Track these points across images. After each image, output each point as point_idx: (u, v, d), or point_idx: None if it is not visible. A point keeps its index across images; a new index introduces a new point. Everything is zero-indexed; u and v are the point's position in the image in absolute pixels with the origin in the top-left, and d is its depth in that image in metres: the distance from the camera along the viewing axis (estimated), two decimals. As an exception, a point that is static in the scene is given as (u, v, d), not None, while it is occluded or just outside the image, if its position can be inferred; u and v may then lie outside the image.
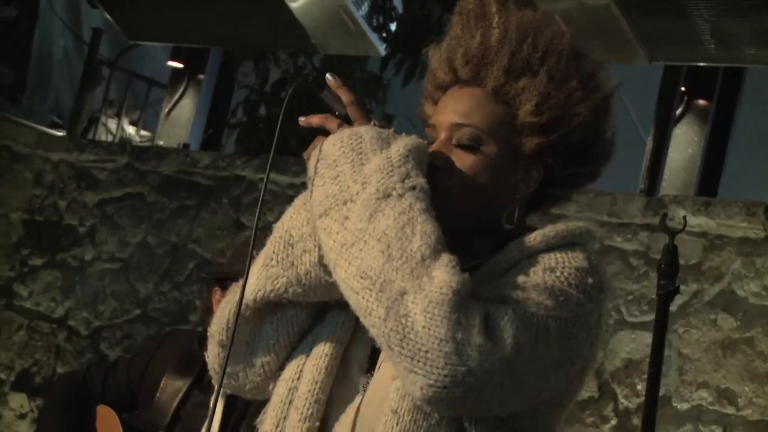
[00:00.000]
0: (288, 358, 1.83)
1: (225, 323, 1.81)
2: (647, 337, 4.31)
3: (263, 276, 1.78)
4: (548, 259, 1.72)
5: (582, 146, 1.82)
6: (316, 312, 1.83)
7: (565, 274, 1.70)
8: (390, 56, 6.60)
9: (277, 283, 1.77)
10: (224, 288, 3.19)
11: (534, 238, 1.74)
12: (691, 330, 4.29)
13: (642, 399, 4.31)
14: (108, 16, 6.15)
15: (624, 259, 4.47)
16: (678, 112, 5.13)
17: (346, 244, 1.66)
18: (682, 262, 4.34)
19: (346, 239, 1.66)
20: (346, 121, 1.78)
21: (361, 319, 1.66)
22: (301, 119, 1.80)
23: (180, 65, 6.63)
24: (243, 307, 1.79)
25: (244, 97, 7.35)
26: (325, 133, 1.79)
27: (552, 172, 1.83)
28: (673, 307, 4.37)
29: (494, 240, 1.80)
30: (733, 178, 5.31)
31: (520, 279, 1.68)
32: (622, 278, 4.43)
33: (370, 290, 1.62)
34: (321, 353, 1.78)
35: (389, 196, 1.66)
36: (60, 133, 6.66)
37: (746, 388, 4.12)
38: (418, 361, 1.59)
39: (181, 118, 6.64)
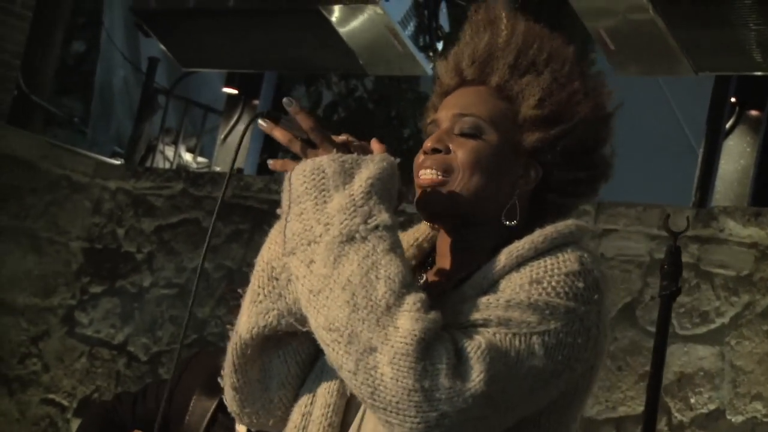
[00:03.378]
0: (302, 386, 1.85)
1: (231, 365, 1.83)
2: (700, 350, 4.28)
3: (254, 312, 1.79)
4: (536, 269, 1.71)
5: (581, 149, 1.83)
6: None
7: (553, 283, 1.70)
8: (441, 76, 6.61)
9: (269, 317, 1.78)
10: None
11: (522, 245, 1.74)
12: (743, 342, 4.23)
13: (696, 412, 4.27)
14: (161, 45, 6.25)
15: (674, 271, 4.43)
16: (729, 123, 5.07)
17: (313, 291, 1.66)
18: (733, 273, 4.32)
19: (313, 285, 1.67)
20: (311, 144, 1.76)
21: (337, 371, 1.68)
22: (270, 162, 1.81)
23: (235, 91, 6.71)
24: (243, 345, 1.81)
25: (297, 121, 7.41)
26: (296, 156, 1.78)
27: (551, 173, 1.84)
28: (725, 319, 4.33)
29: (495, 239, 1.80)
30: (787, 188, 5.23)
31: (504, 297, 1.69)
32: (672, 291, 4.39)
33: (339, 342, 1.63)
34: (332, 375, 1.78)
35: (353, 239, 1.66)
36: (117, 162, 6.77)
37: (799, 400, 4.06)
38: (391, 412, 1.61)
39: (237, 143, 6.71)
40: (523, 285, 1.69)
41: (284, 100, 1.77)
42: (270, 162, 1.81)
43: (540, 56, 1.84)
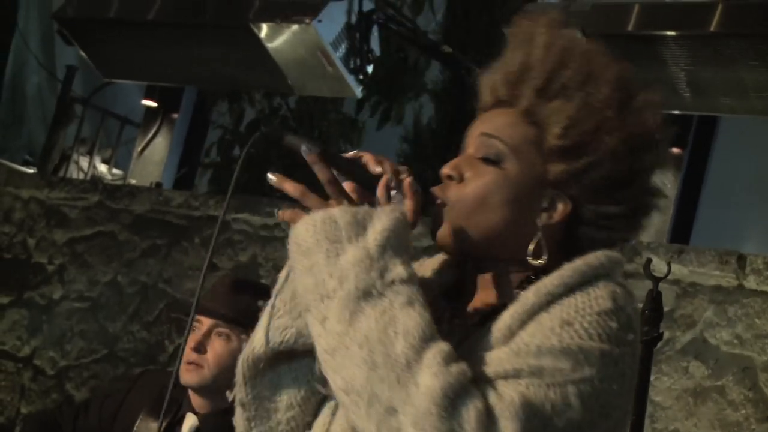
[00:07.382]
0: (321, 404, 1.75)
1: (241, 378, 1.75)
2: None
3: (271, 327, 1.72)
4: (566, 308, 1.61)
5: (611, 182, 1.70)
6: None
7: (585, 324, 1.59)
8: (365, 98, 6.60)
9: (286, 334, 1.71)
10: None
11: (551, 282, 1.63)
12: (662, 377, 4.27)
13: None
14: (83, 54, 6.13)
15: (597, 305, 4.45)
16: (652, 159, 5.14)
17: (329, 350, 1.57)
18: (654, 309, 4.37)
19: (328, 344, 1.57)
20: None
21: None
22: (279, 213, 1.68)
23: (154, 104, 6.62)
24: (256, 358, 1.73)
25: (218, 137, 7.35)
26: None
27: (580, 207, 1.71)
28: (645, 355, 4.38)
29: (521, 275, 1.71)
30: (705, 226, 5.32)
31: (535, 343, 1.58)
32: (595, 325, 4.41)
33: (358, 405, 1.54)
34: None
35: (369, 294, 1.56)
36: (30, 170, 6.62)
37: (718, 437, 4.10)
38: None
39: (154, 156, 6.62)
40: (553, 328, 1.58)
41: (303, 147, 1.66)
42: (279, 213, 1.67)
43: (575, 78, 1.69)
